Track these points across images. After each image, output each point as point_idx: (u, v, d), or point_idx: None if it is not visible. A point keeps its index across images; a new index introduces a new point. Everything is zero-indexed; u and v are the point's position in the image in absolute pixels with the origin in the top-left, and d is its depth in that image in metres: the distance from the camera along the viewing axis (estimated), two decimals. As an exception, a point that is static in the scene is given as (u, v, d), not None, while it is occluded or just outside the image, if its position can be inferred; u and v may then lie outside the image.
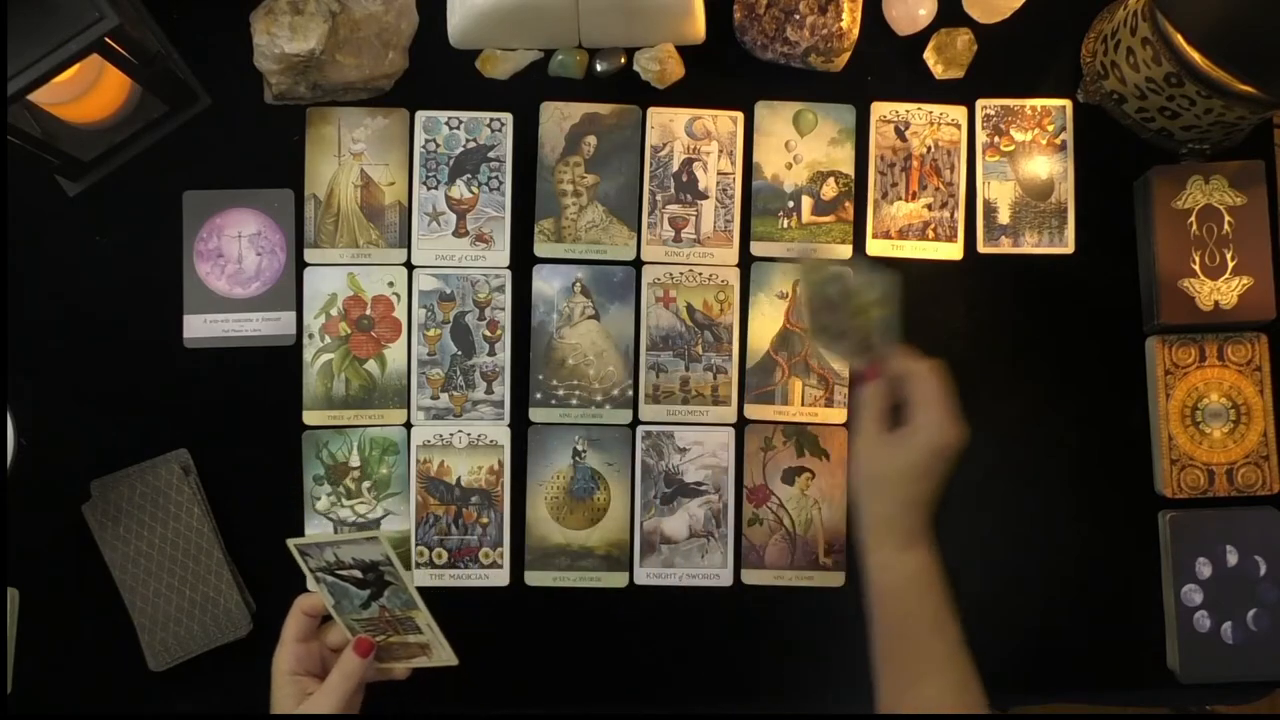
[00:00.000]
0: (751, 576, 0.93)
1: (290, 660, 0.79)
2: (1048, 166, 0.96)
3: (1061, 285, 0.95)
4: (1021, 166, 0.96)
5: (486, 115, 0.95)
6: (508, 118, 0.95)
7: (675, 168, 0.95)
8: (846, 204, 0.95)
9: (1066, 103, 0.96)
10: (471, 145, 0.95)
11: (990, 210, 0.95)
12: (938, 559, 0.78)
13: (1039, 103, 0.96)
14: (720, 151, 0.96)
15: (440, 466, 0.93)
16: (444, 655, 0.82)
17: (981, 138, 0.96)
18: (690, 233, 0.95)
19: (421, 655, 0.83)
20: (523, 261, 0.95)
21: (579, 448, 0.94)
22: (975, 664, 0.76)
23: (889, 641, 0.78)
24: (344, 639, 0.82)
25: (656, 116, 0.96)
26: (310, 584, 0.81)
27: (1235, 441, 0.92)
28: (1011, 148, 0.96)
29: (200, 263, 0.94)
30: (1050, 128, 0.96)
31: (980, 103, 0.96)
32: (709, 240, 0.95)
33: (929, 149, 0.96)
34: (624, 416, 0.94)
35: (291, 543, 0.79)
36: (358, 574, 0.79)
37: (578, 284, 0.95)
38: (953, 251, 0.95)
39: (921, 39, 0.96)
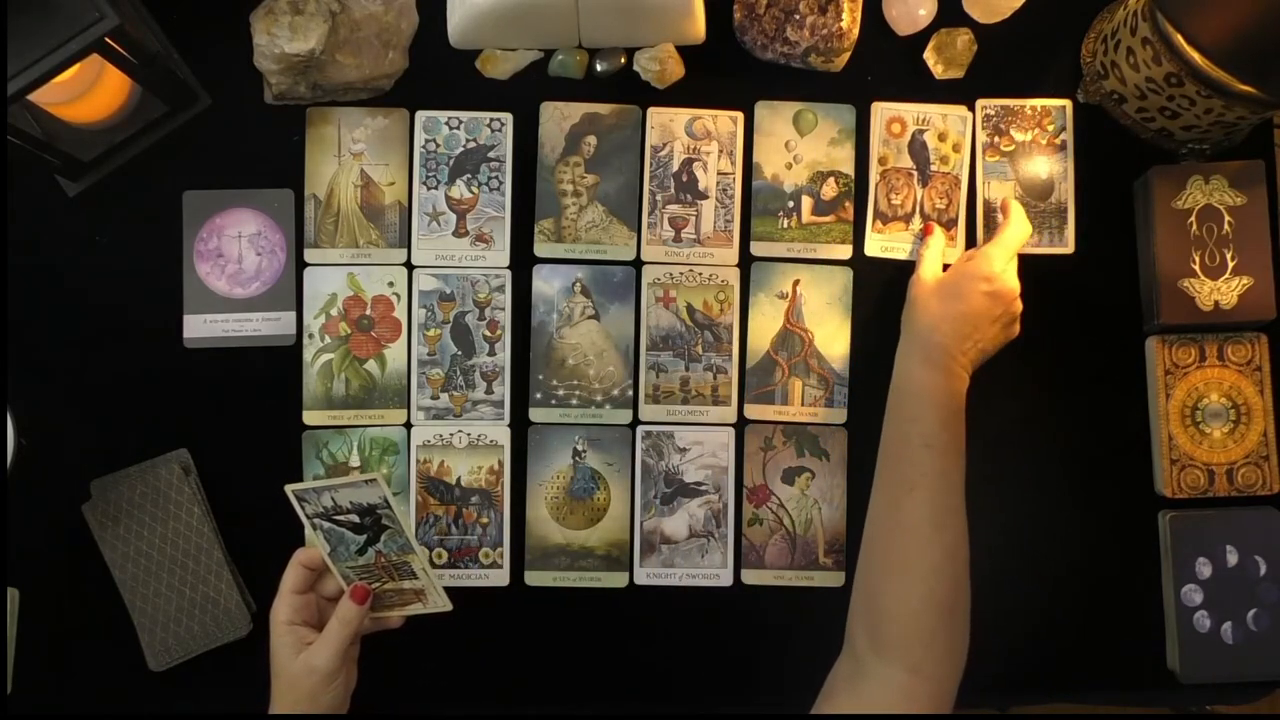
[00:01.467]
0: (751, 576, 0.93)
1: (288, 610, 0.80)
2: (1048, 166, 0.96)
3: (1061, 285, 0.95)
4: (1021, 166, 0.96)
5: (486, 115, 0.95)
6: (508, 118, 0.95)
7: (675, 168, 0.95)
8: (846, 204, 0.95)
9: (1066, 103, 0.96)
10: (471, 145, 0.95)
11: (990, 210, 0.95)
12: (960, 397, 0.85)
13: (1039, 103, 0.96)
14: (720, 151, 0.96)
15: (440, 466, 0.93)
16: (439, 601, 0.83)
17: (981, 138, 0.96)
18: (690, 233, 0.95)
19: (417, 602, 0.83)
20: (523, 261, 0.95)
21: (579, 448, 0.94)
22: (965, 517, 0.82)
23: (886, 453, 0.85)
24: (339, 589, 0.82)
25: (656, 116, 0.96)
26: (307, 531, 0.81)
27: (1235, 441, 0.92)
28: (1011, 148, 0.96)
29: (200, 263, 0.94)
30: (1050, 128, 0.96)
31: (980, 103, 0.96)
32: (709, 240, 0.95)
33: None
34: (624, 416, 0.94)
35: (289, 488, 0.79)
36: (355, 519, 0.79)
37: (578, 284, 0.95)
38: (953, 252, 0.95)
39: (921, 39, 0.96)
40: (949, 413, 0.84)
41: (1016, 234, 0.90)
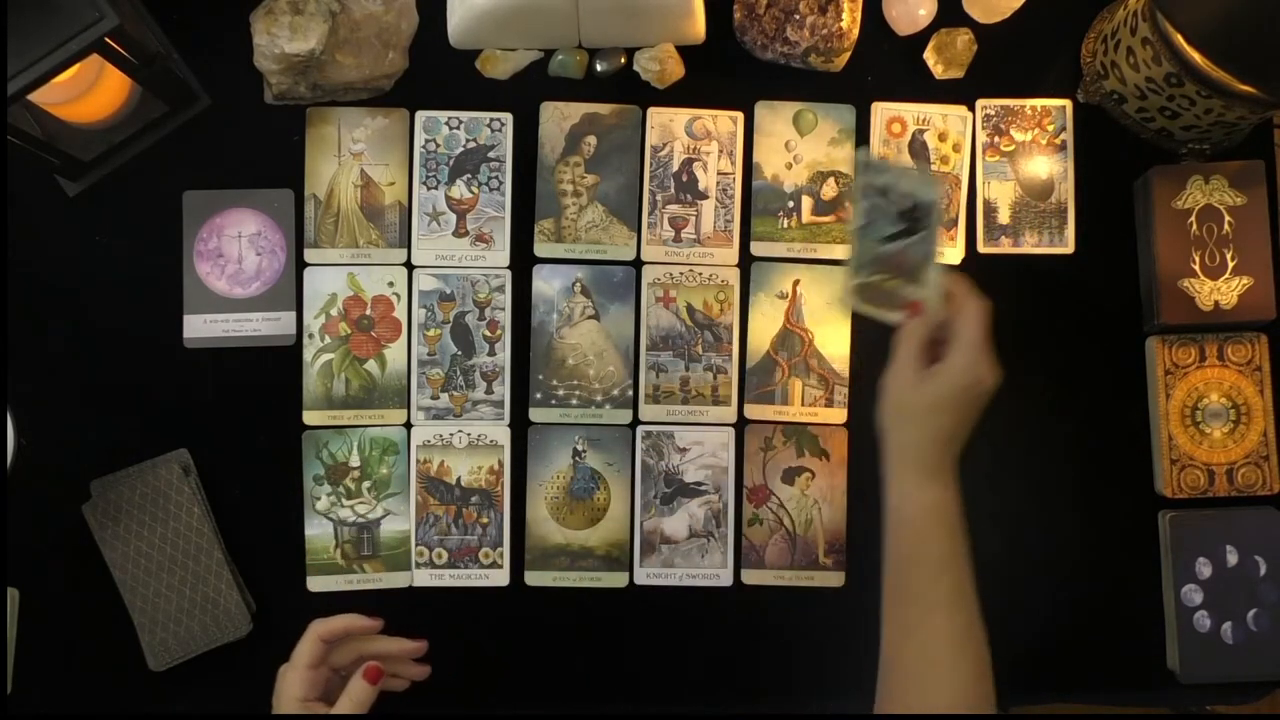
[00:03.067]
0: (751, 576, 0.93)
1: (303, 687, 0.78)
2: (1048, 166, 0.96)
3: (1061, 285, 0.95)
4: (1021, 166, 0.96)
5: (486, 115, 0.95)
6: (508, 118, 0.95)
7: (675, 168, 0.95)
8: (847, 204, 0.95)
9: (1066, 103, 0.96)
10: (471, 145, 0.95)
11: (990, 210, 0.95)
12: (958, 504, 0.79)
13: (1039, 103, 0.96)
14: (720, 151, 0.96)
15: (440, 466, 0.93)
16: (932, 300, 0.81)
17: (981, 138, 0.96)
18: (690, 233, 0.95)
19: (907, 307, 0.82)
20: (523, 261, 0.95)
21: (579, 448, 0.94)
22: (983, 621, 0.77)
23: (897, 576, 0.78)
24: (352, 658, 0.81)
25: (656, 116, 0.96)
26: (855, 197, 0.82)
27: (1235, 441, 0.92)
28: (1011, 148, 0.96)
29: (200, 263, 0.94)
30: (1050, 128, 0.96)
31: (980, 103, 0.96)
32: (709, 240, 0.95)
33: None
34: (624, 416, 0.94)
35: (862, 154, 0.83)
36: (905, 205, 0.80)
37: (578, 284, 0.95)
38: (952, 252, 0.95)
39: (921, 39, 0.96)
40: (953, 525, 0.78)
41: (983, 327, 0.80)
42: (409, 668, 0.85)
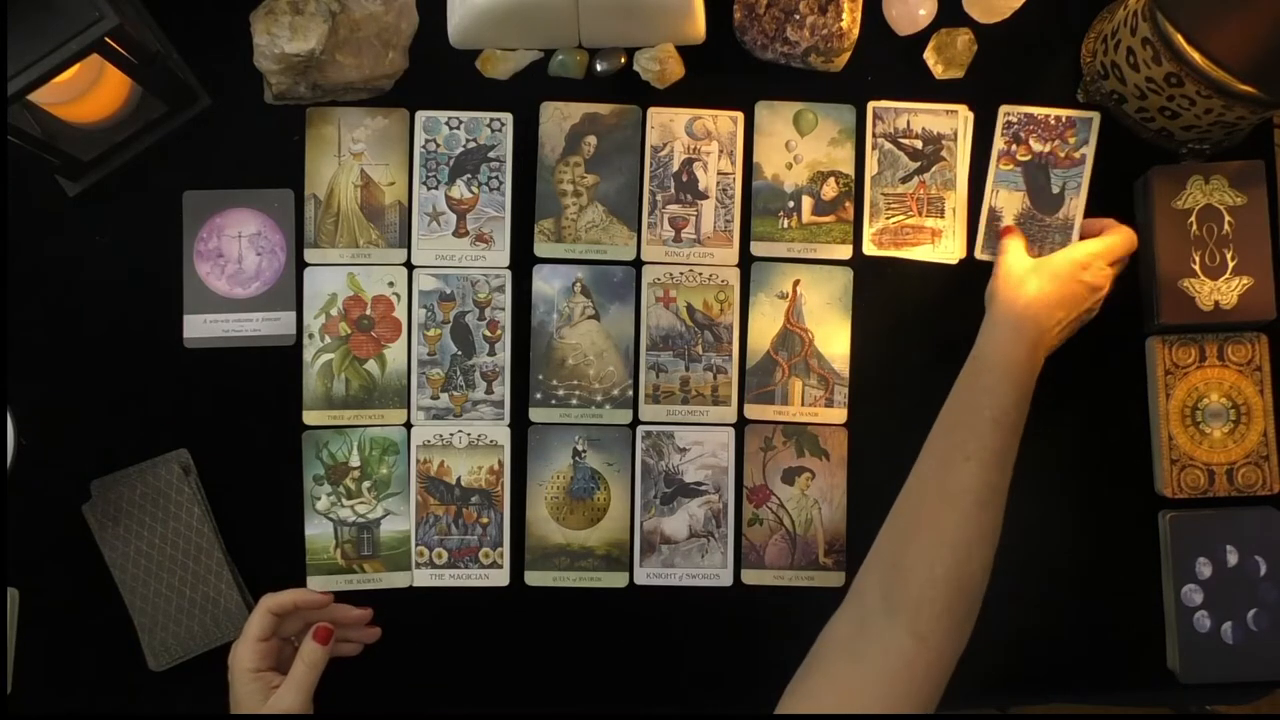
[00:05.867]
0: (751, 576, 0.93)
1: (254, 658, 0.80)
2: (1061, 180, 0.95)
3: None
4: (1034, 179, 0.95)
5: (486, 115, 0.95)
6: (508, 118, 0.95)
7: (675, 168, 0.95)
8: (846, 204, 0.95)
9: (1095, 115, 0.95)
10: (471, 145, 0.95)
11: (994, 217, 0.94)
12: (1034, 377, 0.83)
13: (1065, 113, 0.95)
14: (720, 151, 0.96)
15: (440, 466, 0.93)
16: (953, 250, 0.88)
17: (999, 144, 0.95)
18: (690, 233, 0.95)
19: (929, 244, 0.88)
20: (523, 261, 0.95)
21: (579, 448, 0.94)
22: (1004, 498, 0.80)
23: (953, 413, 0.82)
24: (301, 626, 0.83)
25: (656, 116, 0.96)
26: (868, 150, 0.84)
27: (1235, 441, 0.92)
28: (1028, 158, 0.95)
29: (200, 263, 0.94)
30: (1072, 140, 0.95)
31: (1003, 108, 0.95)
32: (709, 240, 0.95)
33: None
34: (624, 416, 0.94)
35: (874, 104, 0.84)
36: (918, 145, 0.84)
37: (578, 284, 0.95)
38: (952, 252, 0.95)
39: (921, 39, 0.96)
40: (1024, 392, 0.82)
41: (1123, 244, 0.91)
42: (360, 632, 0.87)
